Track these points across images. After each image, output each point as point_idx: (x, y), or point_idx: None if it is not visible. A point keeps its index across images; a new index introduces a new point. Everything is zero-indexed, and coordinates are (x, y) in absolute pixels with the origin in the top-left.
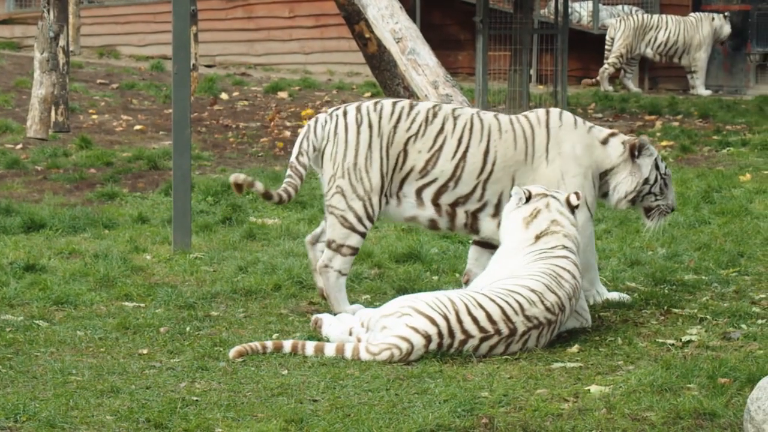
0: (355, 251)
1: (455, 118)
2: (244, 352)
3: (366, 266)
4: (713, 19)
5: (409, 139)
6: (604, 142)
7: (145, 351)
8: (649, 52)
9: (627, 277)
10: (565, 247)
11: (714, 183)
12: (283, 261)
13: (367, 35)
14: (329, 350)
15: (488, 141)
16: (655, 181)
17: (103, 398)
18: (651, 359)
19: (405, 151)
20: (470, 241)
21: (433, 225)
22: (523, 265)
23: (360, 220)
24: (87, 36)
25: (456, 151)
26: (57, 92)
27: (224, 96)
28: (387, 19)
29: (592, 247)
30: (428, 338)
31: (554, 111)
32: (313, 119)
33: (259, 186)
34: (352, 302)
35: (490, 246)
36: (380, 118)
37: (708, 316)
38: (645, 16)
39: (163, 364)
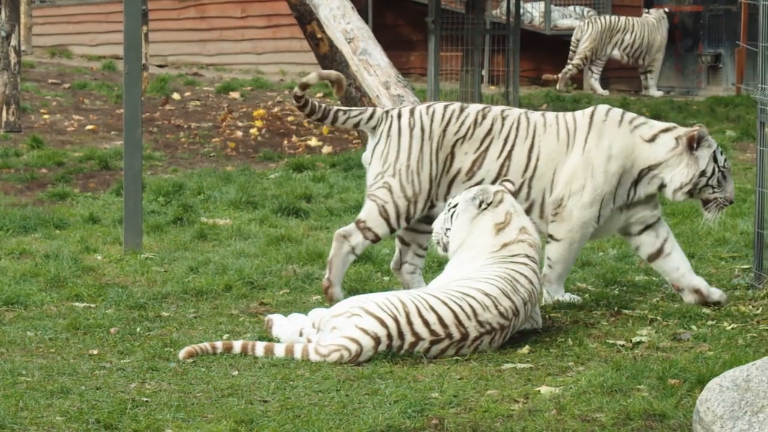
0: (377, 239)
1: (503, 119)
2: (195, 352)
3: (317, 267)
4: (665, 14)
5: (456, 141)
6: (652, 139)
7: (95, 351)
8: (617, 54)
9: (578, 278)
10: (527, 256)
11: None
12: (234, 261)
13: (319, 35)
14: (279, 351)
15: (533, 138)
16: (713, 173)
17: (53, 399)
18: (601, 360)
19: (452, 153)
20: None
21: None
22: (480, 268)
23: (398, 217)
24: (39, 36)
25: (501, 151)
26: (8, 92)
27: (176, 96)
28: (339, 19)
29: (580, 245)
30: (377, 340)
31: (602, 106)
32: (374, 109)
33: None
34: (304, 302)
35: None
36: (431, 122)
37: (658, 317)
38: (612, 18)
39: (114, 364)
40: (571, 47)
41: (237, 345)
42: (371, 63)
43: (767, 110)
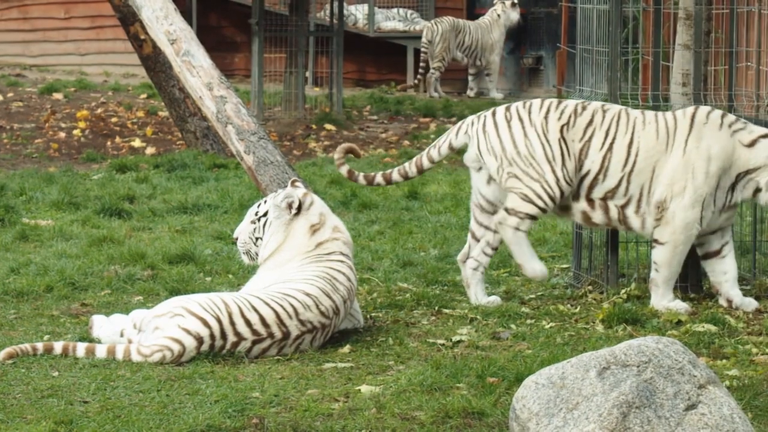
0: (531, 217)
1: (604, 112)
2: (15, 353)
3: (139, 267)
4: (498, 16)
5: (562, 127)
6: (752, 144)
7: None
8: (459, 55)
9: (399, 277)
10: (342, 254)
11: None
12: (56, 262)
13: (143, 37)
14: (100, 352)
15: (632, 133)
16: None
17: None
18: (421, 359)
19: (563, 138)
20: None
21: (586, 219)
22: (298, 268)
23: (539, 196)
24: None
25: (603, 143)
26: None
27: None
28: (161, 20)
29: (685, 248)
30: (200, 340)
31: (703, 108)
32: (462, 121)
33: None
34: (126, 302)
35: None
36: (529, 112)
37: (478, 317)
38: (455, 20)
39: None
40: (422, 49)
41: (58, 346)
42: (194, 64)
43: None
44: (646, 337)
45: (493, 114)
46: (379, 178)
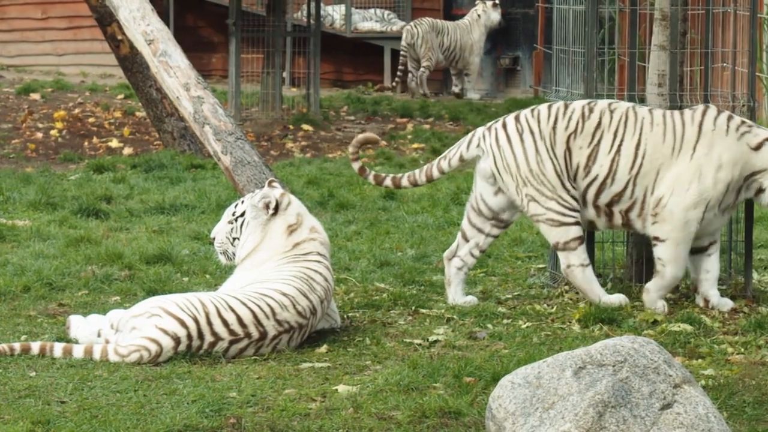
0: (581, 240)
1: (611, 112)
2: None
3: (116, 267)
4: (479, 16)
5: (569, 136)
6: (758, 147)
7: None
8: (439, 57)
9: (376, 277)
10: (319, 254)
11: (463, 185)
12: (33, 262)
13: (120, 37)
14: (78, 352)
15: (640, 134)
16: None
17: None
18: (398, 359)
19: (569, 149)
20: None
21: (591, 226)
22: (275, 268)
23: (563, 214)
24: None
25: (612, 146)
26: None
27: None
28: (138, 21)
29: (686, 246)
30: (177, 340)
31: (710, 113)
32: (472, 132)
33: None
34: (103, 303)
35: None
36: (538, 122)
37: (455, 316)
38: (434, 20)
39: None
40: (402, 51)
41: (35, 346)
42: (171, 65)
43: None
44: (621, 337)
45: (504, 126)
46: (388, 181)
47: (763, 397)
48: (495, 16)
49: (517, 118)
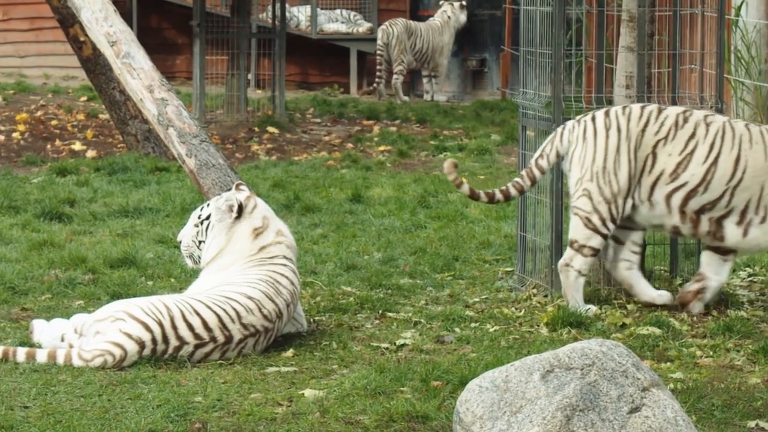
0: (595, 252)
1: (707, 125)
2: None
3: (80, 271)
4: (449, 18)
5: (658, 142)
6: None
7: None
8: (410, 59)
9: (343, 281)
10: (285, 257)
11: (430, 188)
12: None
13: (82, 38)
14: (41, 356)
15: (739, 149)
16: None
17: None
18: (365, 363)
19: (654, 154)
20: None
21: (676, 231)
22: (241, 271)
23: (604, 222)
24: None
25: (708, 156)
26: None
27: None
28: (101, 22)
29: None
30: (142, 344)
31: None
32: (562, 126)
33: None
34: (67, 307)
35: (723, 251)
36: (628, 121)
37: (422, 320)
38: (407, 22)
39: None
40: (378, 52)
41: None
42: (134, 66)
43: (529, 114)
44: (590, 340)
45: (593, 120)
46: (498, 195)
47: (731, 401)
48: (462, 17)
49: (607, 114)
